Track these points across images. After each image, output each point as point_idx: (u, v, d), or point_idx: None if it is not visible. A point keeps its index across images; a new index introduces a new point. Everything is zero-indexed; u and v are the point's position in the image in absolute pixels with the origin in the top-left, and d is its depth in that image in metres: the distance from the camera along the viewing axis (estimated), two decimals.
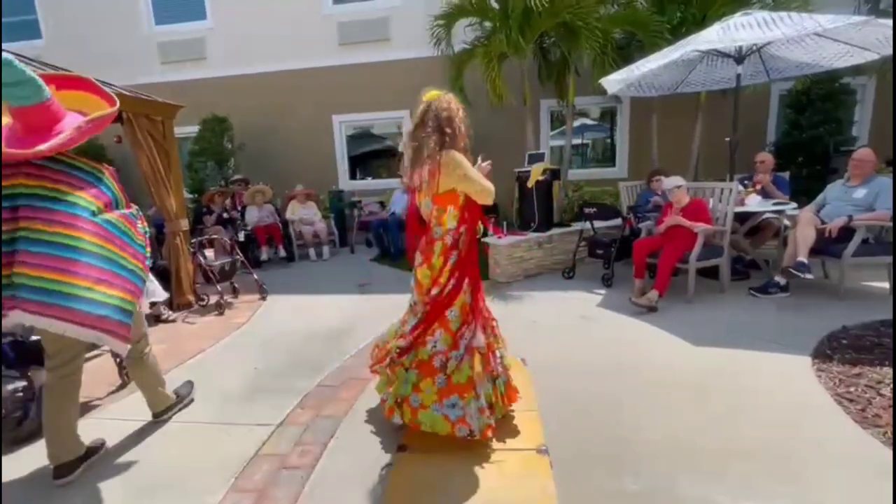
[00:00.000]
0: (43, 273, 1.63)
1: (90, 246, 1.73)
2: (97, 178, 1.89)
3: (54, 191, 1.73)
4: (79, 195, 1.77)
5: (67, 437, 2.00)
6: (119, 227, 1.86)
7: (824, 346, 2.87)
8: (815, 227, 3.75)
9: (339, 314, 4.10)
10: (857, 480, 1.73)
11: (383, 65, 8.22)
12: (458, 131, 1.90)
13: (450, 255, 1.95)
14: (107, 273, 1.74)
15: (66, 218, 1.71)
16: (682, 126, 7.30)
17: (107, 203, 1.87)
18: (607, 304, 3.96)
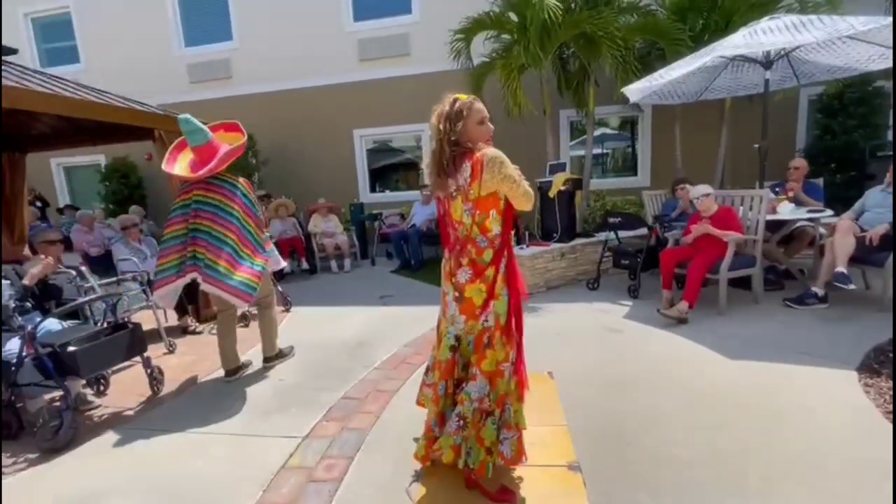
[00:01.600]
0: (207, 254, 2.66)
1: (232, 242, 2.75)
2: (238, 189, 2.85)
3: (215, 200, 2.75)
4: (230, 205, 2.78)
5: (230, 353, 3.13)
6: (250, 230, 2.88)
7: (871, 359, 2.73)
8: (855, 235, 3.59)
9: (362, 326, 4.10)
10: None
11: (403, 79, 8.35)
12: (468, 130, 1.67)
13: (499, 263, 1.73)
14: (237, 261, 2.76)
15: (221, 220, 2.74)
16: (707, 134, 7.16)
17: (243, 208, 2.84)
18: (634, 316, 3.86)
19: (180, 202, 2.80)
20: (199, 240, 2.68)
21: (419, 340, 3.61)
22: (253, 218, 2.92)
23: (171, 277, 2.73)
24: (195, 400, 2.89)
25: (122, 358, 2.78)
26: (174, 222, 2.78)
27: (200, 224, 2.71)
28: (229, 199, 2.78)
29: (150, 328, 3.60)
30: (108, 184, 9.02)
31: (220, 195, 2.76)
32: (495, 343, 1.74)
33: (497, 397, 1.75)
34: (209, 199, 2.74)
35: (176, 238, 2.76)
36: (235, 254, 2.76)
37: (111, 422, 2.64)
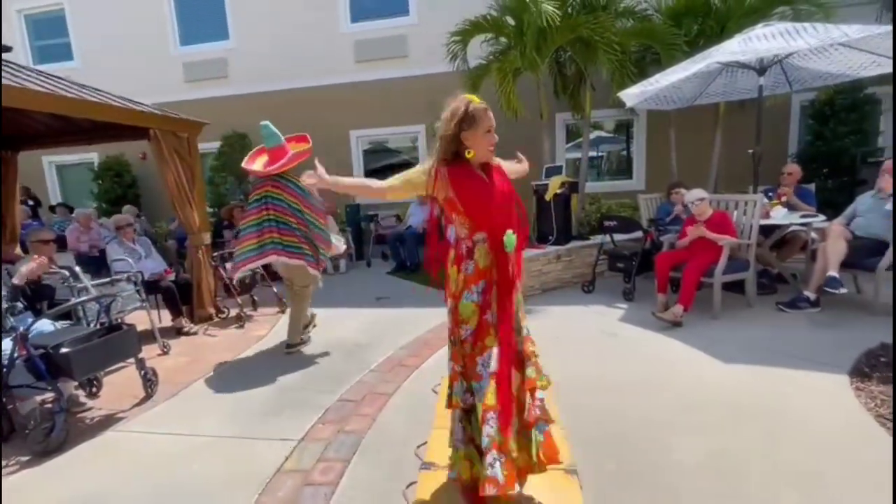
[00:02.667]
0: (282, 237, 3.35)
1: (296, 226, 3.39)
2: (296, 186, 3.40)
3: (283, 196, 3.36)
4: (294, 201, 3.38)
5: (297, 327, 3.64)
6: (312, 220, 3.46)
7: (862, 363, 2.76)
8: (846, 240, 3.64)
9: (358, 327, 4.10)
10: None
11: (399, 80, 8.35)
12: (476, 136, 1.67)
13: (460, 265, 1.73)
14: (303, 239, 3.42)
15: (287, 211, 3.37)
16: (701, 138, 7.22)
17: (304, 202, 3.41)
18: (630, 319, 3.88)
19: (255, 196, 3.42)
20: (272, 228, 3.36)
21: (415, 343, 3.61)
22: (315, 210, 3.52)
23: (252, 258, 3.43)
24: (190, 402, 2.88)
25: (116, 359, 2.76)
26: (250, 214, 3.43)
27: (271, 215, 3.36)
28: (294, 195, 3.41)
29: (144, 329, 3.57)
30: (101, 182, 8.94)
31: (287, 193, 3.39)
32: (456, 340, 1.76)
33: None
34: (278, 195, 3.37)
35: (251, 227, 3.40)
36: (303, 236, 3.44)
37: (104, 424, 2.61)
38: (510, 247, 1.67)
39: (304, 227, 3.40)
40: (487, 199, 1.68)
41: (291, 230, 3.37)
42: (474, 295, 1.70)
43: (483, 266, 1.70)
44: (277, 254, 3.36)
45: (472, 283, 1.70)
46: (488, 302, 1.70)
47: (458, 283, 1.73)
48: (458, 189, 1.68)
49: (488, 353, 1.67)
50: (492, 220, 1.67)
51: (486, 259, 1.70)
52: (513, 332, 1.73)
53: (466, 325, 1.71)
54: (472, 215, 1.70)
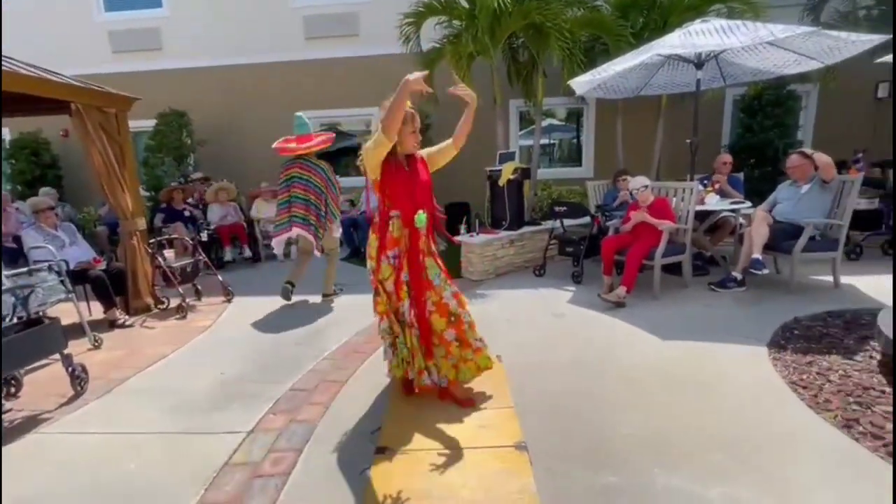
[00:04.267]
0: (300, 212, 4.01)
1: (316, 201, 4.05)
2: (323, 170, 4.10)
3: (308, 176, 4.03)
4: (318, 181, 4.05)
5: (331, 281, 4.45)
6: (328, 199, 4.15)
7: (779, 336, 3.05)
8: (769, 225, 3.97)
9: (312, 315, 4.00)
10: (814, 463, 1.84)
11: (352, 61, 8.09)
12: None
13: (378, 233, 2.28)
14: (319, 217, 4.08)
15: (310, 189, 4.03)
16: (645, 128, 7.57)
17: (325, 183, 4.10)
18: (578, 301, 4.05)
19: (284, 177, 4.11)
20: (298, 204, 4.05)
21: (371, 328, 3.56)
22: (332, 194, 4.18)
23: (284, 230, 4.11)
24: (126, 398, 2.70)
25: (36, 356, 2.53)
26: (283, 192, 4.14)
27: (297, 192, 4.05)
28: (318, 176, 4.08)
29: (72, 322, 3.30)
30: (15, 162, 8.04)
31: (312, 173, 4.06)
32: (379, 291, 2.32)
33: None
34: (304, 175, 4.05)
35: (283, 203, 4.13)
36: (319, 212, 4.10)
37: (28, 426, 2.40)
38: (420, 223, 2.19)
39: (323, 205, 4.12)
40: (405, 185, 2.20)
41: (309, 207, 4.05)
42: (390, 259, 2.23)
43: (396, 236, 2.21)
44: (300, 227, 4.04)
45: (387, 248, 2.23)
46: (401, 265, 2.24)
47: (374, 248, 2.27)
48: (384, 175, 2.19)
49: (403, 304, 2.25)
50: (405, 202, 2.20)
51: (398, 231, 2.21)
52: (424, 288, 2.28)
53: (387, 281, 2.25)
54: (391, 197, 2.22)
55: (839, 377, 2.47)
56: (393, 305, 2.29)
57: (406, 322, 2.26)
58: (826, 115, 7.97)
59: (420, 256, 2.27)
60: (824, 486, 1.71)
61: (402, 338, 2.30)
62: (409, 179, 2.22)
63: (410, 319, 2.25)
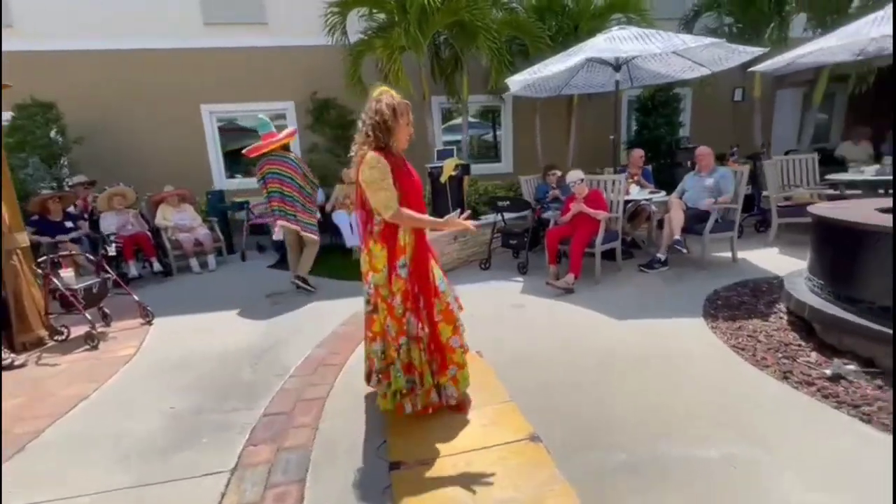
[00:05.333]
0: (277, 205, 4.35)
1: (296, 195, 4.38)
2: (293, 161, 4.42)
3: (279, 169, 4.31)
4: (292, 173, 4.35)
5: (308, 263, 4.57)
6: (307, 191, 4.47)
7: (708, 307, 3.51)
8: (683, 210, 4.53)
9: (256, 330, 3.63)
10: (775, 412, 2.15)
11: (262, 51, 7.45)
12: (384, 132, 1.99)
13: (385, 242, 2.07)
14: (301, 209, 4.40)
15: (287, 183, 4.34)
16: (559, 125, 8.14)
17: (301, 176, 4.40)
18: (530, 291, 4.24)
19: (260, 175, 4.37)
20: (274, 198, 4.36)
21: (332, 339, 3.36)
22: (308, 183, 4.48)
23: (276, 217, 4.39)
24: (49, 455, 2.20)
25: None
26: (263, 188, 4.42)
27: (273, 188, 4.34)
28: (292, 170, 4.38)
29: None
30: None
31: (283, 166, 4.34)
32: (378, 308, 2.13)
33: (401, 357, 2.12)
34: (276, 169, 4.32)
35: (266, 197, 4.44)
36: (301, 206, 4.42)
37: None
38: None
39: (298, 193, 4.38)
40: (407, 185, 2.03)
41: (290, 202, 4.36)
42: (400, 269, 2.04)
43: (404, 243, 2.04)
44: (282, 220, 4.35)
45: (395, 258, 2.03)
46: (412, 276, 2.06)
47: (381, 259, 2.05)
48: (396, 176, 1.97)
49: (408, 318, 2.08)
50: (410, 203, 2.02)
51: (405, 237, 2.04)
52: (432, 296, 2.11)
53: (395, 296, 2.05)
54: (407, 200, 2.01)
55: (765, 337, 2.92)
56: (396, 322, 2.08)
57: (413, 336, 2.09)
58: (699, 115, 9.32)
59: (429, 262, 2.13)
60: (789, 430, 2.01)
61: (398, 364, 2.11)
62: (410, 178, 2.07)
63: (418, 333, 2.08)
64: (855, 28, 4.42)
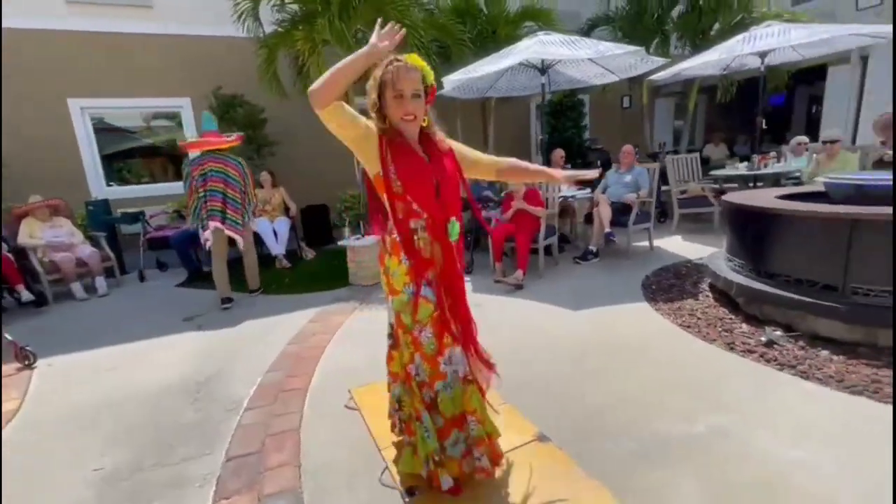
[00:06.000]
0: (218, 205, 4.10)
1: (239, 200, 4.22)
2: (240, 164, 4.27)
3: (229, 171, 4.16)
4: (237, 176, 4.21)
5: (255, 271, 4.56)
6: (247, 191, 4.32)
7: (646, 292, 3.82)
8: (609, 205, 4.91)
9: (183, 361, 3.09)
10: (734, 380, 2.38)
11: (147, 40, 6.45)
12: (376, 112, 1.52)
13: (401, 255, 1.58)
14: (237, 209, 4.21)
15: (233, 186, 4.19)
16: (477, 126, 8.35)
17: (242, 177, 4.26)
18: (481, 290, 4.23)
19: (199, 172, 4.05)
20: (215, 197, 4.06)
21: (283, 360, 3.00)
22: (245, 179, 4.28)
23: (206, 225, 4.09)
24: None
25: None
26: (201, 186, 4.06)
27: (215, 186, 4.07)
28: (238, 173, 4.20)
29: None
30: None
31: (229, 167, 4.14)
32: (400, 343, 1.65)
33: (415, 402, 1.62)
34: (220, 168, 4.09)
35: (202, 197, 4.06)
36: (237, 204, 4.19)
37: None
38: (455, 235, 1.58)
39: (241, 198, 4.22)
40: (423, 178, 1.51)
41: (236, 205, 4.18)
42: (423, 287, 1.56)
43: (427, 255, 1.56)
44: (217, 222, 4.07)
45: (419, 275, 1.55)
46: (441, 299, 1.58)
47: (400, 277, 1.57)
48: (387, 165, 1.47)
49: (449, 351, 1.61)
50: (429, 203, 1.50)
51: (428, 248, 1.56)
52: (471, 325, 1.69)
53: (424, 325, 1.57)
54: (414, 198, 1.51)
55: (702, 314, 3.26)
56: (429, 364, 1.60)
57: (463, 378, 1.65)
58: (596, 119, 10.26)
59: (462, 279, 1.68)
60: (749, 394, 2.24)
61: (429, 422, 1.60)
62: (428, 171, 1.52)
63: (466, 374, 1.66)
64: (731, 45, 5.20)
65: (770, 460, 1.77)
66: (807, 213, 2.79)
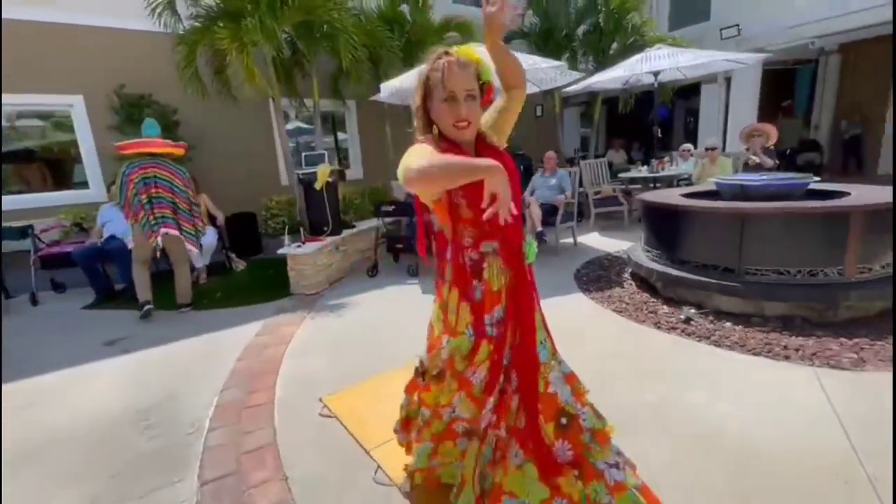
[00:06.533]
0: (168, 212, 3.96)
1: (183, 206, 4.06)
2: (183, 173, 4.10)
3: (171, 178, 3.98)
4: (175, 180, 4.01)
5: (187, 286, 4.21)
6: (190, 198, 4.13)
7: (579, 283, 4.23)
8: (539, 206, 5.32)
9: (116, 388, 2.79)
10: (672, 354, 2.78)
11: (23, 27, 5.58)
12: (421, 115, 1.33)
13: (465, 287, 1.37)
14: (189, 220, 4.10)
15: (177, 194, 4.01)
16: (404, 132, 8.45)
17: (185, 183, 4.08)
18: (430, 290, 4.32)
19: (140, 175, 3.85)
20: (163, 204, 3.92)
21: (237, 379, 2.83)
22: (191, 190, 4.13)
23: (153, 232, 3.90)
24: None
25: None
26: (142, 192, 3.86)
27: (162, 194, 3.91)
28: (179, 178, 4.03)
29: None
30: None
31: (175, 176, 4.01)
32: (447, 379, 1.41)
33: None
34: (166, 176, 3.95)
35: (146, 203, 3.87)
36: (187, 214, 4.07)
37: None
38: (532, 256, 1.38)
39: (192, 210, 4.11)
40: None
41: (187, 215, 4.07)
42: (488, 327, 1.33)
43: (497, 287, 1.33)
44: (171, 228, 3.94)
45: (484, 312, 1.33)
46: (504, 337, 1.34)
47: (460, 314, 1.34)
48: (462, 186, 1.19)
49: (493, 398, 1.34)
50: (507, 224, 1.13)
51: (500, 278, 1.33)
52: (534, 369, 1.37)
53: (479, 367, 1.34)
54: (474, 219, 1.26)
55: (629, 299, 3.70)
56: (475, 404, 1.36)
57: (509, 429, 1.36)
58: (514, 127, 10.91)
59: (534, 312, 1.40)
60: (682, 363, 2.63)
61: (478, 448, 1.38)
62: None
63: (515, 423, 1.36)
64: (632, 63, 5.93)
65: (705, 415, 2.12)
66: (709, 209, 3.33)
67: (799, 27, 8.28)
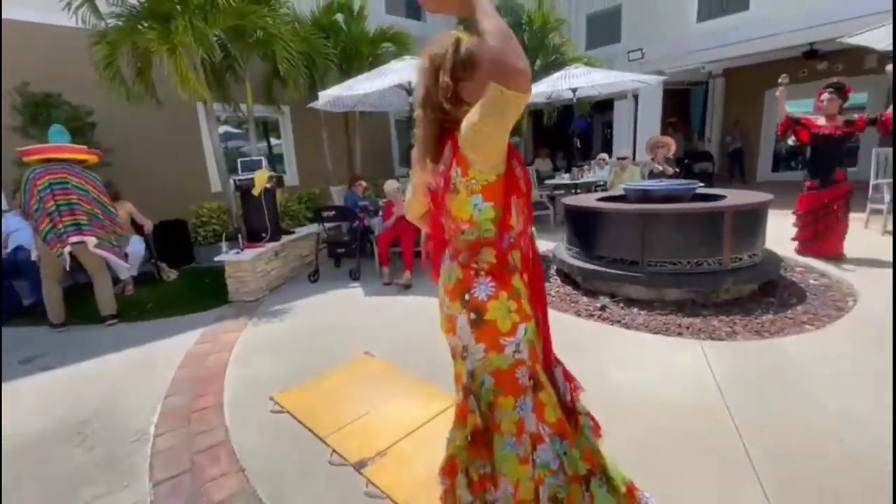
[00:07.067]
0: (84, 219, 3.76)
1: (101, 216, 3.87)
2: (97, 179, 3.93)
3: (85, 186, 3.81)
4: (90, 188, 3.85)
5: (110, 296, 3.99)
6: (105, 205, 3.95)
7: None
8: None
9: (44, 405, 2.66)
10: (587, 337, 3.17)
11: None
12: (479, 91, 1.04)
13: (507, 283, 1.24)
14: (104, 227, 3.89)
15: (93, 203, 3.84)
16: (341, 138, 8.52)
17: (98, 190, 3.92)
18: (374, 293, 4.49)
19: (47, 181, 3.65)
20: (78, 211, 3.73)
21: (181, 384, 2.82)
22: (105, 196, 3.99)
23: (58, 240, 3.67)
24: None
25: None
26: (48, 199, 3.64)
27: (74, 200, 3.72)
28: (96, 187, 3.90)
29: None
30: None
31: (89, 183, 3.85)
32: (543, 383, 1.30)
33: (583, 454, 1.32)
34: (79, 183, 3.78)
35: (55, 211, 3.65)
36: (101, 221, 3.87)
37: None
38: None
39: (108, 218, 3.95)
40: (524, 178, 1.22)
41: (100, 222, 3.87)
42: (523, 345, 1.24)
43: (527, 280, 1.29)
44: (88, 235, 3.75)
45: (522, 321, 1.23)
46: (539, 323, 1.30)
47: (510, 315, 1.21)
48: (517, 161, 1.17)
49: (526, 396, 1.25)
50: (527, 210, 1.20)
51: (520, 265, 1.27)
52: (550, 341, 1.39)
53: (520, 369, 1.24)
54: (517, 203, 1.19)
55: (554, 293, 4.12)
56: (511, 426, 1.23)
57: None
58: None
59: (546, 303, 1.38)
60: (602, 344, 3.04)
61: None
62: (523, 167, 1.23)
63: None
64: (554, 79, 6.52)
65: (615, 380, 2.52)
66: (618, 210, 3.84)
67: (691, 53, 9.52)
